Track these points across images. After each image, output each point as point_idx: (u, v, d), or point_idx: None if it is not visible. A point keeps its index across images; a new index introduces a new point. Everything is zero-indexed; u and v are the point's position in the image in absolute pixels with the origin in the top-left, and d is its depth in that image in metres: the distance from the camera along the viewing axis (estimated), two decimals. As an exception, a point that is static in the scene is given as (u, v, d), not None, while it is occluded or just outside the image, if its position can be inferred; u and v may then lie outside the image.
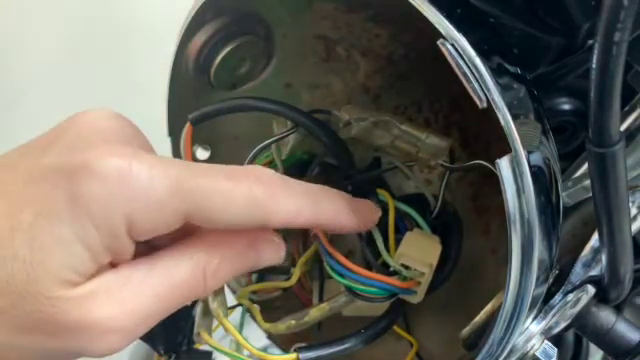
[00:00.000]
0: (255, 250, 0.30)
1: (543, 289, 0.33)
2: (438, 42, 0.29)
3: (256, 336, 0.41)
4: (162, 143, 0.42)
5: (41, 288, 0.25)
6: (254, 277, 0.41)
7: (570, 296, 0.36)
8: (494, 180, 0.29)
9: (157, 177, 0.26)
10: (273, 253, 0.31)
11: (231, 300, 0.38)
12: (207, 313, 0.34)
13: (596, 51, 0.26)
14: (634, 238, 0.33)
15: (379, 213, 0.35)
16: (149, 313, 0.27)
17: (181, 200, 0.26)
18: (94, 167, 0.25)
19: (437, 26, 0.29)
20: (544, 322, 0.35)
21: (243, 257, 0.30)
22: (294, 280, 0.39)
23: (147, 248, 0.28)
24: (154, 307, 0.27)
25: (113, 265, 0.27)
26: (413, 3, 0.30)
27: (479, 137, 0.42)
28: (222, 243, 0.29)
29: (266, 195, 0.28)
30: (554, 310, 0.35)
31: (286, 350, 0.36)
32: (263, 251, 0.31)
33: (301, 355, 0.34)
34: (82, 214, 0.25)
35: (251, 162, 0.39)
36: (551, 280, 0.33)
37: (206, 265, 0.28)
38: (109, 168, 0.25)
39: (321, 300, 0.41)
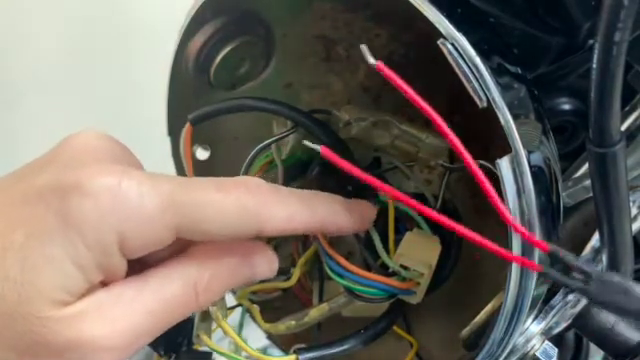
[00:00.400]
0: (247, 265, 0.30)
1: (543, 289, 0.33)
2: (438, 42, 0.29)
3: (256, 336, 0.41)
4: (162, 143, 0.42)
5: (32, 309, 0.25)
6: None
7: (570, 296, 0.36)
8: (494, 180, 0.29)
9: (147, 193, 0.26)
10: (266, 267, 0.31)
11: (231, 300, 0.38)
12: (207, 315, 0.34)
13: (596, 51, 0.26)
14: (635, 238, 0.33)
15: (375, 211, 0.35)
16: (141, 331, 0.27)
17: (172, 215, 0.26)
18: (85, 186, 0.25)
19: (437, 26, 0.29)
20: (544, 322, 0.35)
21: (235, 272, 0.30)
22: (294, 280, 0.38)
23: (140, 266, 0.28)
24: (146, 325, 0.27)
25: (105, 284, 0.27)
26: (413, 3, 0.30)
27: (479, 137, 0.42)
28: (213, 259, 0.29)
29: (257, 204, 0.28)
30: (554, 310, 0.35)
31: (286, 350, 0.36)
32: (256, 265, 0.31)
33: (300, 356, 0.34)
34: (73, 233, 0.25)
35: (251, 162, 0.39)
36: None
37: (197, 281, 0.28)
38: (99, 187, 0.25)
39: (321, 300, 0.40)
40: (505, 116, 0.29)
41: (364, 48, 0.29)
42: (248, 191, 0.28)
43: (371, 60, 0.29)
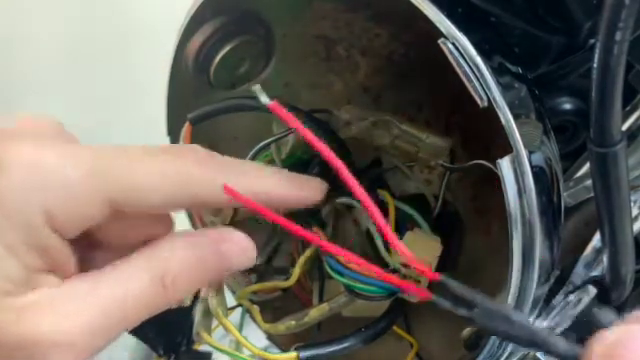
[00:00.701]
0: (219, 255, 0.29)
1: (544, 289, 0.33)
2: (439, 41, 0.29)
3: (256, 337, 0.41)
4: (162, 142, 0.42)
5: None
6: (253, 277, 0.41)
7: (571, 297, 0.36)
8: (495, 180, 0.29)
9: (69, 164, 0.25)
10: (241, 255, 0.29)
11: (231, 301, 0.38)
12: (207, 313, 0.34)
13: (597, 50, 0.26)
14: (636, 238, 0.33)
15: (325, 185, 0.33)
16: (102, 327, 0.25)
17: (99, 184, 0.25)
18: None
19: (438, 25, 0.29)
20: (545, 323, 0.35)
21: (207, 263, 0.28)
22: (293, 280, 0.38)
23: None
24: (107, 321, 0.25)
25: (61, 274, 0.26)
26: (414, 2, 0.29)
27: (480, 137, 0.42)
28: (181, 249, 0.28)
29: (193, 170, 0.27)
30: (555, 311, 0.35)
31: (286, 351, 0.36)
32: (228, 255, 0.29)
33: (301, 354, 0.34)
34: None
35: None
36: (552, 280, 0.33)
37: (164, 274, 0.27)
38: (14, 160, 0.24)
39: (321, 300, 0.40)
40: (506, 116, 0.28)
41: (258, 88, 0.30)
42: (184, 157, 0.27)
43: (264, 100, 0.29)
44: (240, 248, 0.29)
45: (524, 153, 0.28)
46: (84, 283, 0.26)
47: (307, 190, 0.32)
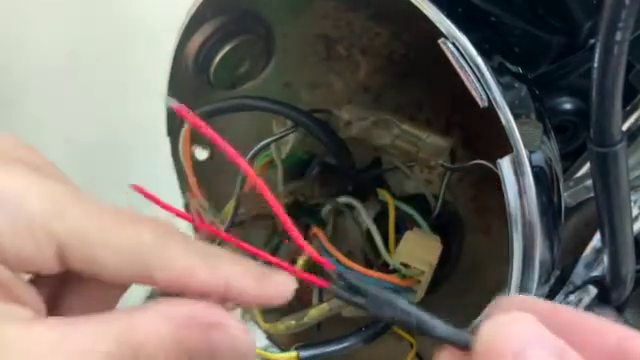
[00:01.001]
0: (208, 343, 0.25)
1: (545, 290, 0.33)
2: (439, 41, 0.29)
3: (256, 336, 0.41)
4: (161, 143, 0.42)
5: None
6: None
7: (572, 297, 0.36)
8: (495, 180, 0.29)
9: (32, 193, 0.23)
10: (233, 349, 0.25)
11: (231, 300, 0.38)
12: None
13: (597, 50, 0.26)
14: (636, 238, 0.33)
15: (293, 284, 0.28)
16: None
17: (58, 225, 0.24)
18: None
19: (438, 25, 0.29)
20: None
21: (189, 351, 0.25)
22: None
23: None
24: None
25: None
26: (414, 2, 0.29)
27: (480, 137, 0.42)
28: (163, 326, 0.24)
29: (156, 244, 0.25)
30: (555, 311, 0.35)
31: (286, 351, 0.36)
32: (218, 348, 0.25)
33: (301, 354, 0.34)
34: None
35: (251, 161, 0.38)
36: (553, 281, 0.33)
37: (137, 350, 0.24)
38: None
39: (321, 300, 0.40)
40: (506, 116, 0.28)
41: (169, 99, 0.29)
42: (150, 229, 0.25)
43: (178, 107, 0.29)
44: (235, 341, 0.26)
45: (524, 153, 0.28)
46: (55, 328, 0.23)
47: (272, 291, 0.27)
